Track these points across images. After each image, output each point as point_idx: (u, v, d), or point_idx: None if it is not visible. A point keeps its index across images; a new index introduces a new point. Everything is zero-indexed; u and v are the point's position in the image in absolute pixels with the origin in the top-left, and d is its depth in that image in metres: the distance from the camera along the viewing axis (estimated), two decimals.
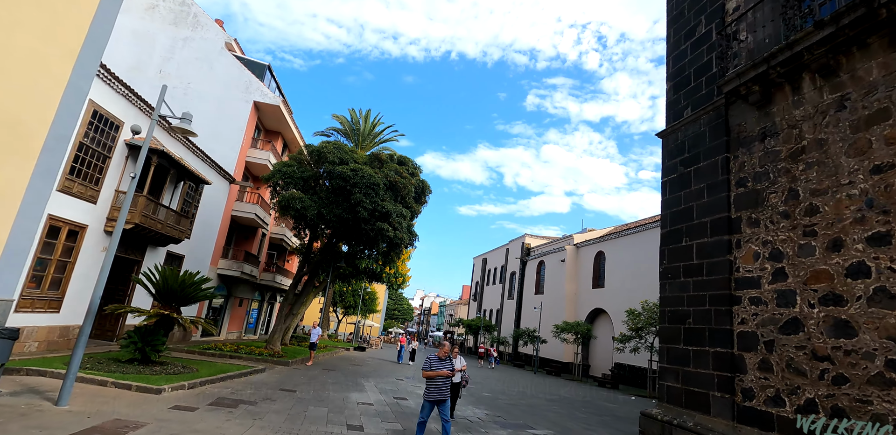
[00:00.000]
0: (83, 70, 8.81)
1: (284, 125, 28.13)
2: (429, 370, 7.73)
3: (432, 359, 7.87)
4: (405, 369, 23.19)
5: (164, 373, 11.21)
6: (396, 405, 12.02)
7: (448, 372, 7.76)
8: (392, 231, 19.09)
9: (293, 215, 19.54)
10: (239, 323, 28.00)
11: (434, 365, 7.77)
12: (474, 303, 62.54)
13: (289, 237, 31.40)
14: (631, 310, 24.62)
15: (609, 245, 35.05)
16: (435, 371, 7.67)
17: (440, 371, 7.65)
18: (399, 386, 16.24)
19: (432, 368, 7.73)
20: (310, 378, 15.15)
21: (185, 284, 12.43)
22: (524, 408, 14.43)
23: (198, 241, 21.50)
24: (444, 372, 7.69)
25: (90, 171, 14.57)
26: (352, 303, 44.20)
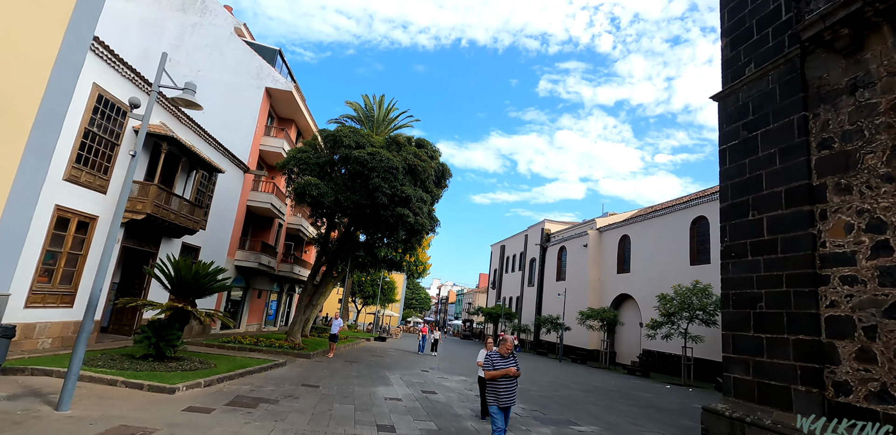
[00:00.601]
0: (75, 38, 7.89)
1: (297, 112, 27.18)
2: (492, 369, 6.53)
3: (494, 356, 6.69)
4: (428, 360, 22.36)
5: (180, 369, 10.42)
6: (426, 400, 11.12)
7: (515, 371, 6.54)
8: (412, 217, 18.09)
9: (309, 203, 18.63)
10: (258, 315, 27.40)
11: (497, 363, 6.59)
12: (493, 291, 61.62)
13: (305, 227, 30.62)
14: (663, 295, 23.43)
15: (634, 228, 33.73)
16: (501, 370, 6.48)
17: (507, 369, 6.46)
18: (425, 378, 15.37)
19: (495, 366, 6.54)
20: (332, 371, 14.33)
21: (200, 276, 11.59)
22: (560, 401, 13.45)
23: (213, 232, 20.76)
24: (512, 371, 6.48)
25: (98, 159, 13.75)
26: (371, 293, 43.51)
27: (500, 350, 6.71)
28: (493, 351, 6.83)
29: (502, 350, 6.69)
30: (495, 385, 6.50)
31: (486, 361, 6.69)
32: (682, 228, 28.59)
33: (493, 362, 6.58)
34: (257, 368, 12.12)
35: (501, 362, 6.59)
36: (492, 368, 6.54)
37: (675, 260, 28.79)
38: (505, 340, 6.78)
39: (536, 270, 47.06)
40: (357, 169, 18.05)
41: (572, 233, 41.52)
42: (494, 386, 6.51)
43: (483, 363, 6.88)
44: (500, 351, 6.71)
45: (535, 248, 48.02)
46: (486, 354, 6.85)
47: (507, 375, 6.44)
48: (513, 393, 6.55)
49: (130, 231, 15.44)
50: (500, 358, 6.62)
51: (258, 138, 24.51)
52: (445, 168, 20.43)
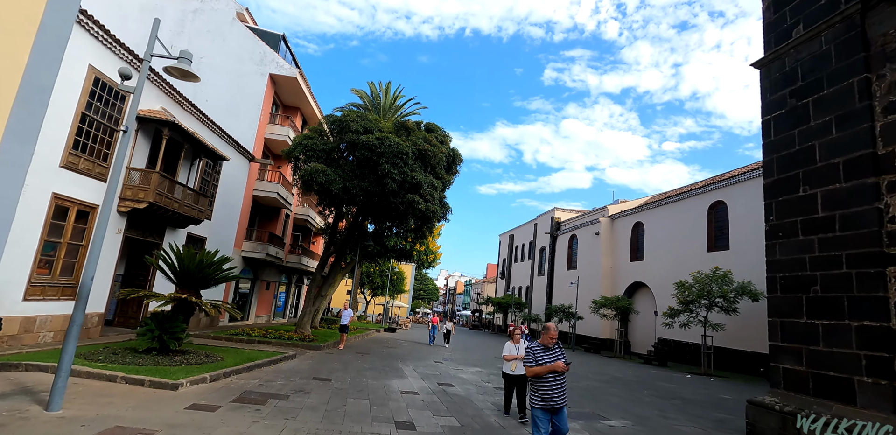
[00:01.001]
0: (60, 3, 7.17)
1: (303, 99, 26.42)
2: (535, 365, 5.35)
3: (536, 349, 5.48)
4: (441, 351, 21.79)
5: (185, 363, 9.84)
6: (444, 394, 10.50)
7: (563, 366, 5.28)
8: (423, 203, 17.39)
9: (317, 191, 17.96)
10: (267, 307, 26.92)
11: (541, 357, 5.37)
12: (502, 281, 61.02)
13: (313, 218, 30.03)
14: (681, 282, 22.66)
15: (648, 215, 32.86)
16: (546, 365, 5.29)
17: (554, 365, 5.27)
18: (440, 370, 14.76)
19: (539, 361, 5.34)
20: (344, 364, 13.75)
21: (204, 265, 10.97)
22: (582, 392, 12.80)
23: (220, 222, 20.18)
24: (560, 366, 5.24)
25: (97, 145, 13.12)
26: (380, 283, 43.05)
27: (543, 341, 5.53)
28: (535, 343, 5.62)
29: (545, 341, 5.50)
30: (542, 384, 5.26)
31: (526, 355, 5.52)
32: (699, 214, 27.71)
33: (535, 356, 5.41)
34: (266, 362, 11.55)
35: (545, 356, 5.40)
36: (534, 362, 5.35)
37: (691, 247, 27.96)
38: (548, 328, 5.59)
39: (546, 259, 46.31)
40: (365, 155, 17.33)
41: (583, 221, 40.68)
42: (541, 385, 5.27)
43: (524, 357, 5.66)
44: (542, 342, 5.54)
45: (545, 236, 47.23)
46: (527, 347, 5.65)
47: (555, 370, 5.27)
48: (563, 392, 5.35)
49: (133, 221, 14.86)
50: (544, 350, 5.46)
51: (263, 126, 23.82)
52: (456, 153, 19.67)
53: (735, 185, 25.56)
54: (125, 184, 14.24)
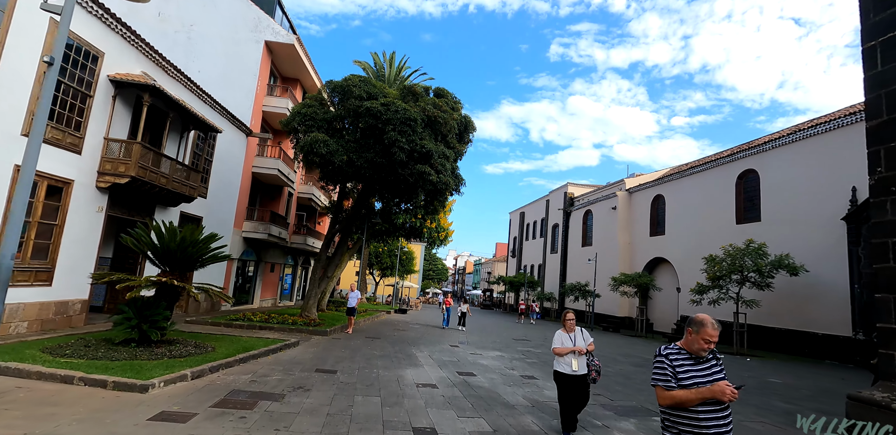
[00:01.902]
0: None
1: (302, 70, 24.56)
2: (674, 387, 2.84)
3: (676, 357, 2.94)
4: (456, 334, 20.40)
5: (168, 356, 8.43)
6: (466, 386, 9.04)
7: (730, 391, 2.77)
8: (434, 174, 15.72)
9: (318, 163, 16.34)
10: (272, 289, 25.65)
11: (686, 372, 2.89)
12: (513, 259, 59.64)
13: (318, 196, 28.48)
14: (711, 256, 21.01)
15: (668, 187, 31.00)
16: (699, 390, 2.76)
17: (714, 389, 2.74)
18: (457, 356, 13.34)
19: (682, 379, 2.86)
20: (352, 351, 12.35)
21: (187, 243, 9.47)
22: (618, 379, 11.33)
23: (217, 200, 18.67)
24: (723, 390, 2.67)
25: (67, 112, 11.53)
26: (389, 264, 41.74)
27: (696, 343, 2.89)
28: (675, 347, 2.98)
29: (700, 342, 2.87)
30: (688, 422, 2.80)
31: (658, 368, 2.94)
32: (727, 184, 25.84)
33: (674, 371, 2.87)
34: (264, 351, 10.13)
35: (696, 372, 2.87)
36: (674, 382, 2.85)
37: (717, 219, 26.19)
38: (702, 323, 2.90)
39: (560, 236, 44.69)
40: (370, 123, 15.62)
41: (599, 195, 38.86)
42: (687, 424, 2.81)
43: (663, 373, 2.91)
44: (688, 346, 2.94)
45: (558, 213, 45.50)
46: (661, 353, 3.01)
47: (715, 398, 2.75)
48: None
49: (116, 198, 13.34)
50: (692, 362, 2.90)
51: (260, 98, 22.08)
52: (468, 120, 17.88)
53: (768, 152, 23.61)
54: (103, 156, 12.67)
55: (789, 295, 21.04)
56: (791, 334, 21.09)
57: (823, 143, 20.86)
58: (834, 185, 19.97)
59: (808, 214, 21.19)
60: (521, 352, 15.41)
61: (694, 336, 2.94)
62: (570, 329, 6.21)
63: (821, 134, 21.02)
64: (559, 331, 6.32)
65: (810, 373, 15.27)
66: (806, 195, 21.37)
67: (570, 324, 6.21)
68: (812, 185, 21.12)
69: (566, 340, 6.10)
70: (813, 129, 21.36)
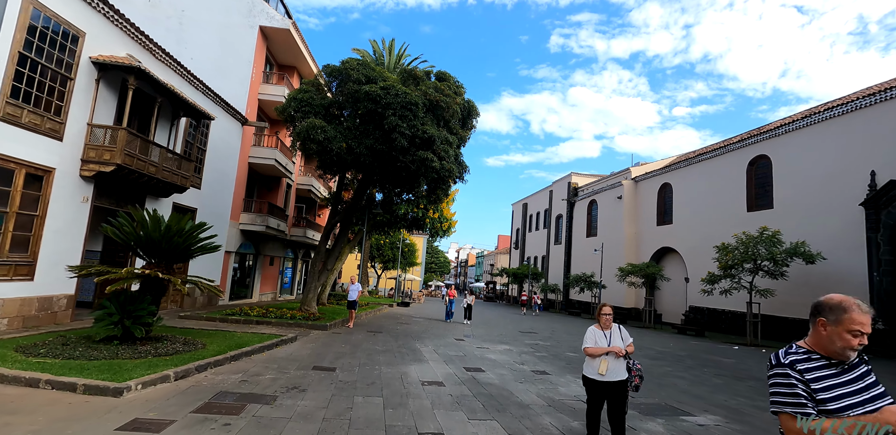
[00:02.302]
0: None
1: (299, 57, 23.71)
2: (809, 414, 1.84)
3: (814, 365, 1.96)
4: (460, 328, 19.70)
5: (153, 354, 7.74)
6: (475, 383, 8.35)
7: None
8: (437, 161, 14.94)
9: (316, 151, 15.57)
10: (272, 283, 24.98)
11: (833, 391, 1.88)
12: (516, 251, 58.93)
13: (317, 188, 27.72)
14: (723, 245, 20.26)
15: (676, 175, 30.17)
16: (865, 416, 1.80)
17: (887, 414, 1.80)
18: (463, 350, 12.66)
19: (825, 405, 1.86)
20: (353, 346, 11.67)
21: (172, 233, 8.74)
22: None
23: (212, 191, 17.94)
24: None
25: (45, 95, 10.77)
26: (390, 256, 41.05)
27: (838, 338, 1.92)
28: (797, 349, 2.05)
29: (845, 337, 1.90)
30: None
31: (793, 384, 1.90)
32: (737, 171, 25.01)
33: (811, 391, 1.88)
34: (258, 348, 9.44)
35: (849, 384, 1.90)
36: (810, 403, 1.85)
37: (727, 207, 25.39)
38: (846, 306, 1.93)
39: (564, 226, 43.90)
40: (369, 108, 14.82)
41: (604, 185, 38.02)
42: None
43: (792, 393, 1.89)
44: (823, 345, 1.99)
45: (562, 203, 44.68)
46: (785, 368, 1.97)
47: None
48: None
49: (103, 187, 12.60)
50: (834, 371, 1.93)
51: (256, 86, 21.27)
52: (472, 105, 17.06)
53: (781, 136, 22.76)
54: (87, 143, 11.92)
55: (804, 284, 20.31)
56: (805, 324, 20.30)
57: (841, 126, 20.01)
58: (852, 170, 19.16)
59: (824, 200, 20.39)
60: (530, 345, 14.74)
61: (832, 329, 1.92)
62: (606, 326, 5.11)
63: (838, 116, 20.16)
64: (592, 327, 5.25)
65: None
66: (821, 180, 20.57)
67: (606, 320, 5.12)
68: (828, 170, 20.31)
69: (600, 339, 5.04)
70: (829, 111, 20.49)
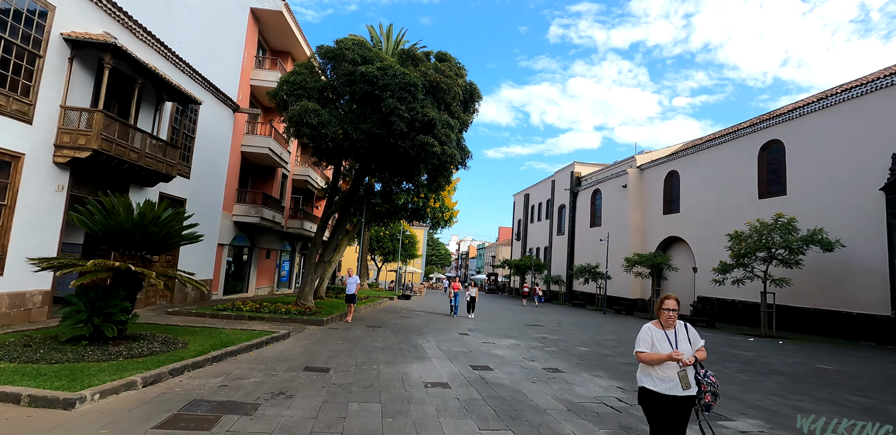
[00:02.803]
0: None
1: (293, 41, 22.66)
2: None
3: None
4: (464, 321, 18.87)
5: (126, 356, 6.89)
6: (483, 384, 7.51)
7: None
8: (438, 146, 14.01)
9: (309, 136, 14.64)
10: (269, 277, 24.14)
11: None
12: (518, 242, 58.10)
13: (314, 179, 26.78)
14: (736, 232, 19.38)
15: (683, 163, 29.22)
16: None
17: None
18: (468, 345, 11.83)
19: None
20: (350, 342, 10.82)
21: (146, 221, 7.85)
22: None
23: (202, 181, 17.03)
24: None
25: (11, 74, 9.84)
26: (391, 248, 40.20)
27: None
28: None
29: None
30: None
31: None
32: (748, 157, 24.06)
33: None
34: (246, 346, 8.59)
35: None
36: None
37: (737, 194, 24.49)
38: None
39: (567, 217, 43.01)
40: (365, 90, 13.87)
41: (608, 173, 37.06)
42: None
43: None
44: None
45: (565, 193, 43.74)
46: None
47: None
48: None
49: (80, 175, 11.69)
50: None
51: (248, 72, 20.27)
52: (474, 87, 16.06)
53: (794, 120, 21.78)
54: (61, 127, 10.99)
55: (819, 272, 19.48)
56: (821, 314, 19.58)
57: (859, 108, 19.03)
58: (871, 153, 18.22)
59: (841, 186, 19.48)
60: (537, 339, 13.93)
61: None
62: (670, 324, 3.76)
63: (855, 98, 19.18)
64: (649, 325, 3.86)
65: (854, 356, 13.77)
66: (838, 165, 19.64)
67: (669, 317, 3.74)
68: (846, 154, 19.37)
69: (660, 341, 3.69)
70: (846, 93, 19.50)
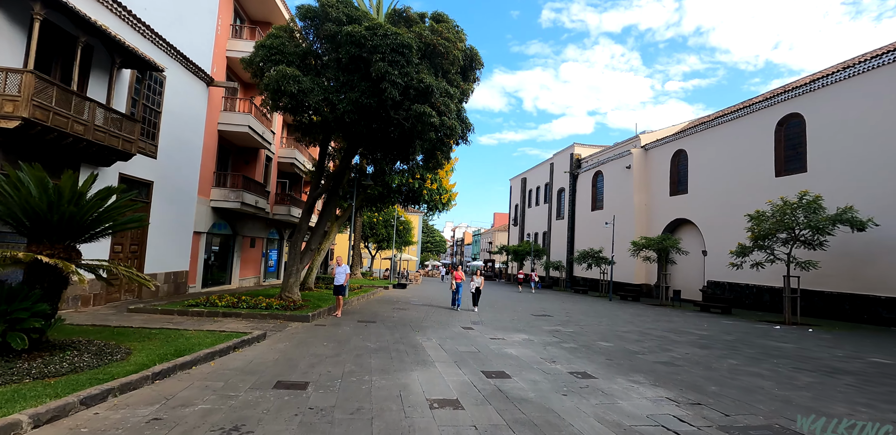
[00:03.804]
0: None
1: (272, 9, 20.51)
2: None
3: None
4: (467, 314, 17.17)
5: (36, 375, 5.15)
6: (502, 399, 5.82)
7: None
8: (437, 117, 12.15)
9: (289, 107, 12.78)
10: (254, 267, 22.35)
11: None
12: (515, 228, 56.50)
13: (301, 162, 24.83)
14: (758, 212, 17.78)
15: (691, 141, 27.51)
16: None
17: None
18: (476, 343, 10.16)
19: None
20: (338, 343, 9.11)
21: (64, 200, 6.02)
22: (698, 371, 8.15)
23: (172, 162, 15.12)
24: None
25: None
26: (384, 235, 38.37)
27: None
28: None
29: None
30: None
31: None
32: (763, 132, 22.37)
33: None
34: (206, 354, 6.85)
35: None
36: None
37: (751, 173, 22.86)
38: None
39: (566, 200, 41.34)
40: (352, 53, 11.94)
41: (611, 154, 35.32)
42: None
43: None
44: None
45: (564, 176, 42.00)
46: None
47: None
48: None
49: (12, 150, 9.71)
50: None
51: (223, 42, 18.19)
52: (475, 53, 14.14)
53: (816, 92, 20.06)
54: None
55: (842, 254, 18.00)
56: (845, 298, 18.15)
57: (889, 76, 17.35)
58: None
59: (868, 160, 17.89)
60: (550, 333, 12.29)
61: None
62: None
63: (886, 65, 17.47)
64: None
65: None
66: (865, 138, 18.02)
67: None
68: (873, 127, 17.74)
69: None
70: (876, 60, 17.77)
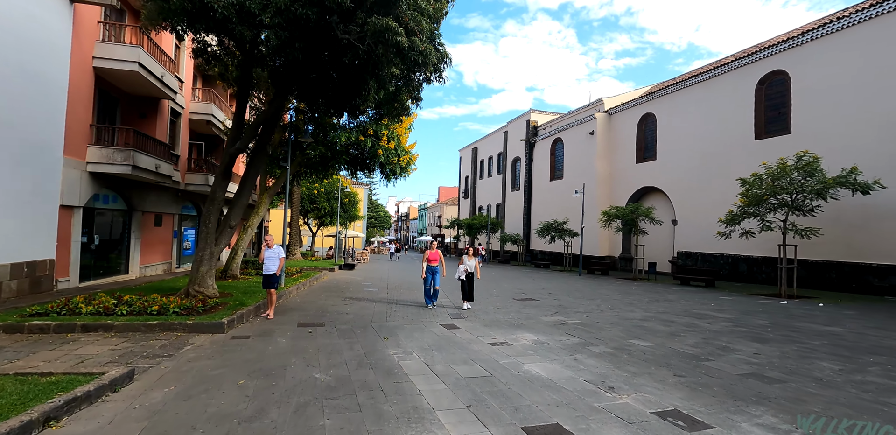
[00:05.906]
0: None
1: None
2: None
3: None
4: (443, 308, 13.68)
5: None
6: None
7: None
8: (405, 36, 8.37)
9: (188, 14, 8.53)
10: (164, 251, 17.68)
11: None
12: (466, 201, 53.57)
13: (219, 119, 20.01)
14: (754, 176, 15.62)
15: (661, 104, 25.24)
16: None
17: None
18: (477, 356, 6.87)
19: None
20: (265, 380, 5.40)
21: None
22: (812, 388, 5.38)
23: (15, 104, 10.35)
24: None
25: None
26: (327, 209, 33.90)
27: None
28: None
29: None
30: None
31: None
32: (742, 92, 20.32)
33: None
34: None
35: None
36: None
37: (728, 136, 20.90)
38: None
39: (522, 170, 38.65)
40: None
41: (571, 120, 32.67)
42: None
43: None
44: None
45: (520, 145, 39.16)
46: None
47: None
48: None
49: None
50: None
51: None
52: None
53: (802, 46, 18.05)
54: None
55: (834, 220, 16.39)
56: (832, 267, 16.72)
57: (884, 27, 15.51)
58: None
59: (860, 119, 16.20)
60: (556, 326, 9.23)
61: None
62: None
63: (882, 15, 15.56)
64: None
65: None
66: (856, 95, 16.30)
67: None
68: (865, 82, 16.03)
69: None
70: (870, 10, 15.82)
